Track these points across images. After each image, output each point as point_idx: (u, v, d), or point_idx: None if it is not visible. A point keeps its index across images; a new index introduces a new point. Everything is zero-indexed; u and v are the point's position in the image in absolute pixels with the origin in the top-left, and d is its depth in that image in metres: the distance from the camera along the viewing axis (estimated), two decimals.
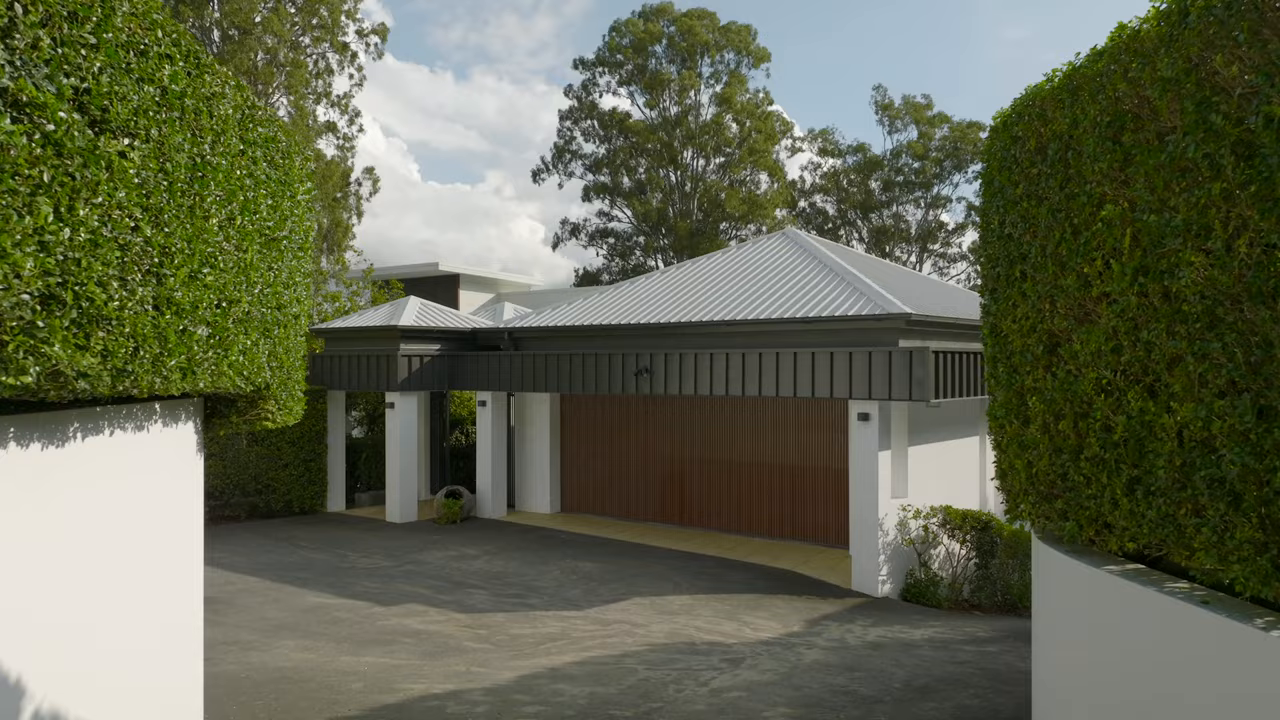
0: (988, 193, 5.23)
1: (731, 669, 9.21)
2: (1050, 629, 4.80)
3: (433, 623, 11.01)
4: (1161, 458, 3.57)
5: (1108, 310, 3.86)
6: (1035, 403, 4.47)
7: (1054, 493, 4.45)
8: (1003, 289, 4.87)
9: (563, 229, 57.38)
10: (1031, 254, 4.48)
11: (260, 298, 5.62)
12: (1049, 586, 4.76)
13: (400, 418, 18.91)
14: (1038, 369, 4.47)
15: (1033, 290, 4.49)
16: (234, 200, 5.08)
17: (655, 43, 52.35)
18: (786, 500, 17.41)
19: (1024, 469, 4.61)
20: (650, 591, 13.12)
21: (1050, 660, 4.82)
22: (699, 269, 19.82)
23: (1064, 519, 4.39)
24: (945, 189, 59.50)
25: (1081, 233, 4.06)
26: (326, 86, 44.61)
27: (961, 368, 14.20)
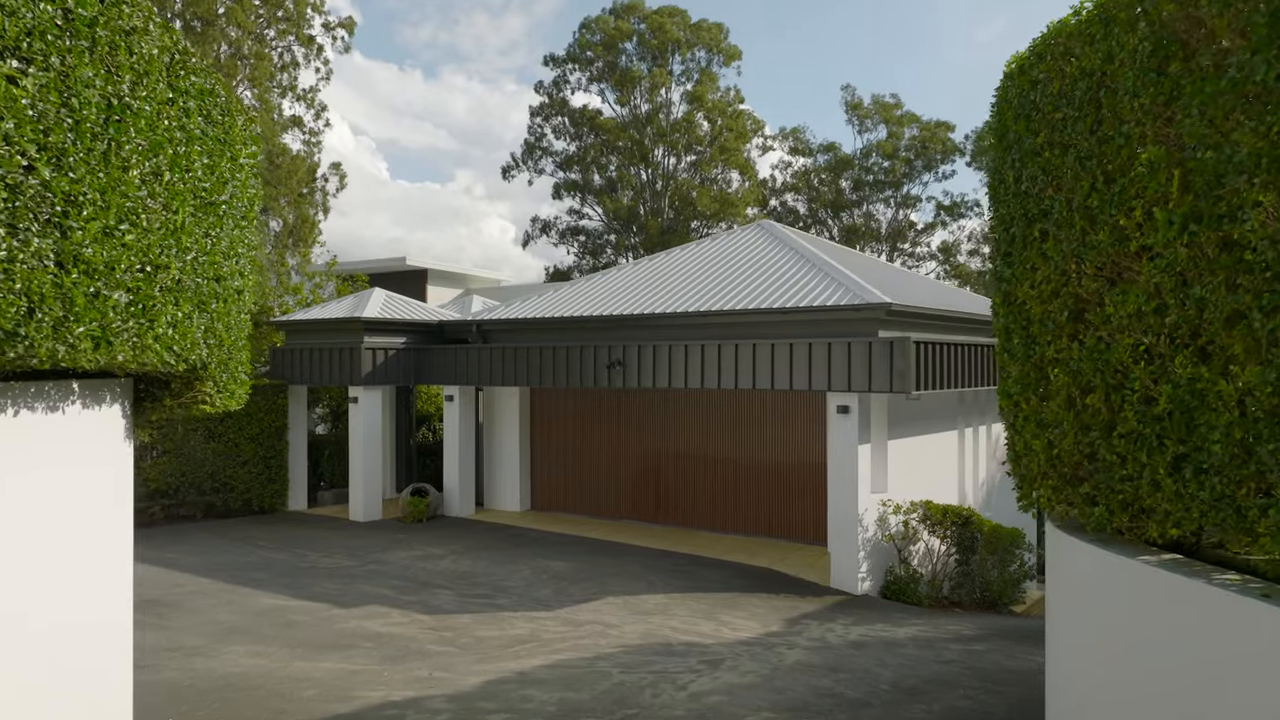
0: (999, 146, 4.78)
1: (710, 671, 8.74)
2: (1069, 628, 4.35)
3: (395, 625, 10.44)
4: (1217, 430, 3.15)
5: (1149, 266, 3.43)
6: (1058, 375, 4.03)
7: (1079, 475, 4.02)
8: (1018, 252, 4.42)
9: (533, 226, 56.77)
10: (1055, 210, 4.04)
11: (194, 266, 5.06)
12: (1068, 581, 4.31)
13: (364, 413, 18.26)
14: (1061, 338, 4.03)
15: (1055, 250, 4.05)
16: (161, 153, 4.52)
17: (626, 40, 51.89)
18: (763, 496, 16.98)
19: (1043, 450, 4.16)
20: (624, 591, 12.62)
21: (1068, 662, 4.38)
22: (673, 260, 19.35)
23: (1091, 504, 3.96)
24: (915, 188, 59.70)
25: (1116, 181, 3.63)
26: (292, 80, 43.66)
27: (942, 359, 13.86)
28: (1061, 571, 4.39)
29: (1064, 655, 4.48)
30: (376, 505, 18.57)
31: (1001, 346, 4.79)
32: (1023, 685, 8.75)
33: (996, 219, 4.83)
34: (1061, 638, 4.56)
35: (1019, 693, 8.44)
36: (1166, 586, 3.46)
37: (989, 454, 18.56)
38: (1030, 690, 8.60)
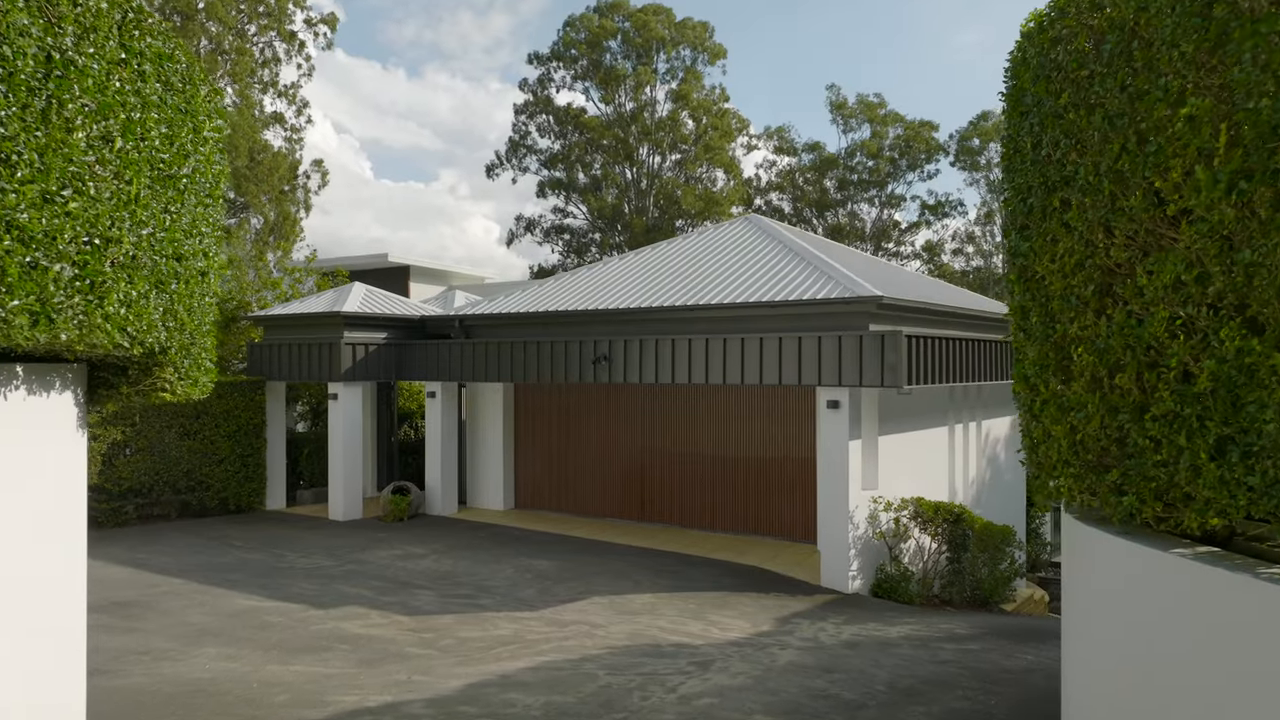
0: (1015, 112, 4.48)
1: (700, 672, 8.44)
2: (1092, 629, 4.03)
3: (373, 626, 10.08)
4: (1269, 409, 2.87)
5: (1189, 231, 3.15)
6: (1082, 355, 3.74)
7: (1105, 462, 3.73)
8: (1037, 224, 4.13)
9: (517, 225, 56.36)
10: (1079, 176, 3.75)
11: (151, 242, 4.71)
12: (1090, 577, 3.99)
13: (344, 409, 17.85)
14: (1086, 314, 3.74)
15: (1080, 220, 3.76)
16: (111, 116, 4.17)
17: (610, 38, 51.57)
18: (751, 493, 16.70)
19: (1064, 436, 3.87)
20: (610, 590, 12.31)
21: (1089, 666, 4.07)
22: (659, 254, 19.04)
23: (1118, 493, 3.68)
24: (899, 188, 59.70)
25: (1151, 139, 3.34)
26: (273, 76, 43.14)
27: (934, 354, 13.62)
28: (1081, 567, 4.07)
29: (1084, 655, 4.18)
30: (357, 504, 18.17)
31: (1017, 326, 4.50)
32: (1021, 686, 8.50)
33: (1012, 190, 4.54)
34: (1081, 637, 4.24)
35: (1018, 694, 8.19)
36: (1209, 583, 3.16)
37: (979, 450, 18.36)
38: (1028, 691, 8.35)
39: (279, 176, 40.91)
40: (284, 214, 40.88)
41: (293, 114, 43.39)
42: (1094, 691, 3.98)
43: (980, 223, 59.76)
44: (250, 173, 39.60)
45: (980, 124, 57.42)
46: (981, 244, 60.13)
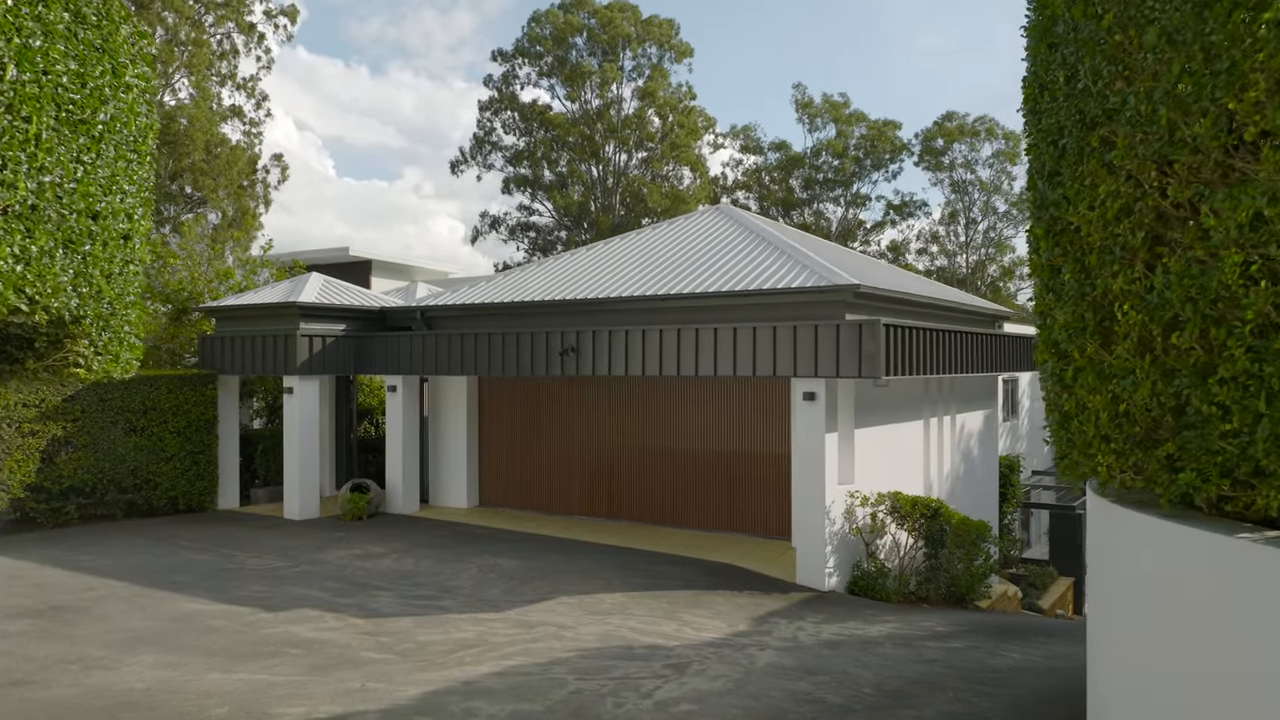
0: (1042, 46, 4.00)
1: (677, 676, 7.94)
2: (1134, 629, 3.42)
3: (327, 630, 9.47)
4: None
5: (1275, 158, 2.72)
6: (1129, 313, 3.29)
7: (1157, 435, 3.29)
8: (1071, 168, 3.67)
9: (482, 222, 55.64)
10: (1127, 106, 3.30)
11: (58, 193, 4.10)
12: (1132, 568, 3.44)
13: (300, 404, 17.13)
14: (1133, 265, 3.28)
15: (1128, 158, 3.30)
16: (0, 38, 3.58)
17: (576, 34, 51.02)
18: (724, 489, 16.25)
19: (1104, 407, 3.41)
20: (579, 590, 11.78)
21: (1128, 670, 3.57)
22: (628, 244, 18.54)
23: (1172, 470, 3.23)
24: (864, 187, 59.84)
25: (1223, 55, 2.92)
26: (232, 69, 42.06)
27: (913, 344, 13.25)
28: (1118, 558, 3.60)
29: (1120, 662, 3.69)
30: (314, 503, 17.46)
31: (1044, 287, 4.04)
32: (1011, 686, 8.12)
33: (1038, 134, 4.08)
34: (1114, 643, 3.73)
35: (1010, 695, 7.79)
36: None
37: (953, 445, 18.07)
38: (1019, 691, 7.96)
39: (237, 171, 39.89)
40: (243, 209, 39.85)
41: (251, 107, 42.38)
42: (1134, 701, 3.50)
43: (944, 222, 60.07)
44: (207, 166, 38.54)
45: (944, 124, 57.70)
46: (945, 244, 60.44)
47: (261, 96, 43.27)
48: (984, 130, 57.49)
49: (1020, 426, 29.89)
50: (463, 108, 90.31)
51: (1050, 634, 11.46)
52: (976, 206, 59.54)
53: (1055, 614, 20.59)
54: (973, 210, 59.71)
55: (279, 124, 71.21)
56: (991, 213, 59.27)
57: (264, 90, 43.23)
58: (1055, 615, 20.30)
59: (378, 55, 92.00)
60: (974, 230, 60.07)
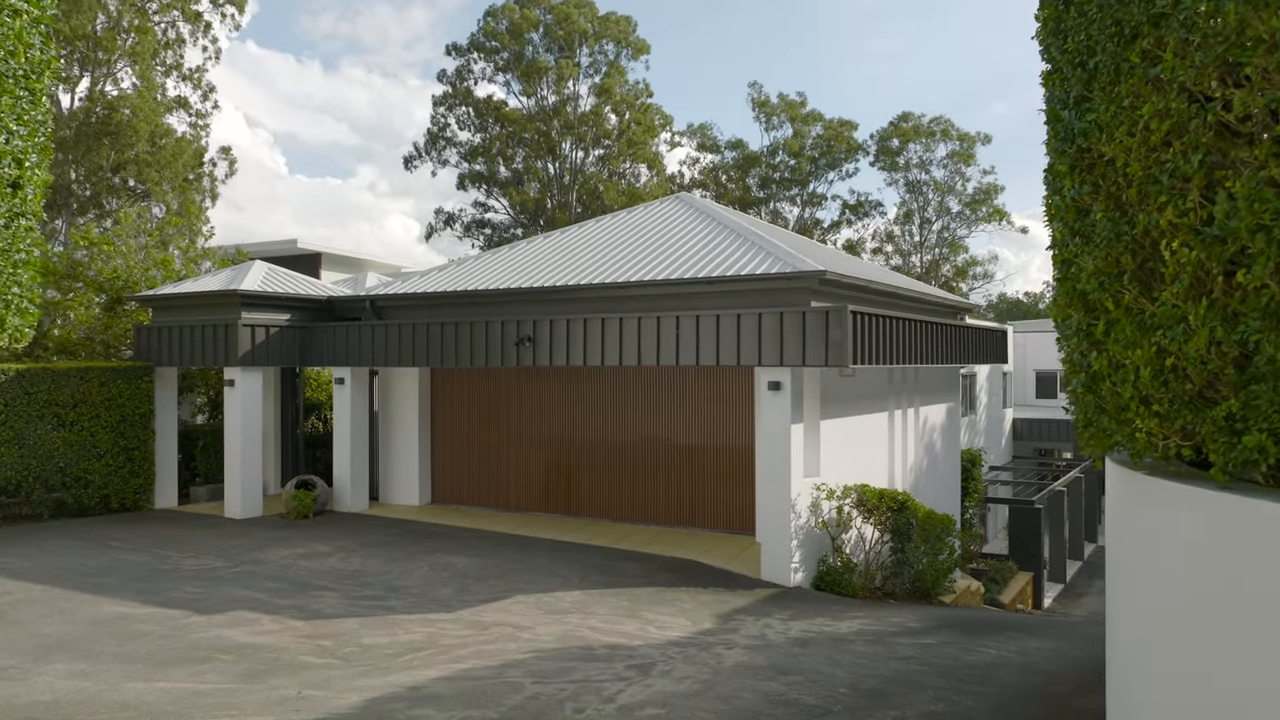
0: None
1: (641, 678, 7.43)
2: (1182, 623, 2.93)
3: (264, 633, 8.81)
4: None
5: None
6: (1180, 250, 2.86)
7: (1215, 392, 2.87)
8: (1104, 90, 3.22)
9: (437, 219, 54.68)
10: (1183, 6, 2.86)
11: None
12: (1177, 552, 2.98)
13: (242, 397, 16.32)
14: (1187, 195, 2.85)
15: (1182, 69, 2.86)
16: None
17: (532, 29, 50.29)
18: (685, 483, 15.78)
19: (1147, 362, 2.97)
20: (535, 588, 11.23)
21: (1173, 667, 3.08)
22: (586, 233, 18.00)
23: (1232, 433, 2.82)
24: (820, 186, 59.98)
25: None
26: (177, 59, 40.75)
27: (880, 332, 12.90)
28: (1161, 540, 3.08)
29: (1159, 654, 3.19)
30: (257, 501, 16.65)
31: (1069, 232, 3.59)
32: (992, 684, 7.74)
33: (1063, 57, 3.63)
34: (1153, 634, 3.21)
35: (991, 693, 7.41)
36: None
37: (917, 438, 17.81)
38: (1000, 689, 7.59)
39: (183, 163, 38.63)
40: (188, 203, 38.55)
41: (198, 99, 41.13)
42: (1181, 699, 3.03)
43: (899, 222, 60.45)
44: (152, 158, 37.26)
45: (900, 124, 58.03)
46: (900, 243, 60.83)
47: (209, 88, 42.05)
48: (939, 131, 57.95)
49: (978, 422, 29.91)
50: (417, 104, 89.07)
51: (1021, 629, 11.16)
52: (931, 207, 60.05)
53: (1015, 609, 20.47)
54: (927, 210, 60.22)
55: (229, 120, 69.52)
56: (945, 213, 59.80)
57: (211, 82, 41.99)
58: (1016, 610, 20.17)
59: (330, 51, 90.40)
60: (928, 230, 60.58)
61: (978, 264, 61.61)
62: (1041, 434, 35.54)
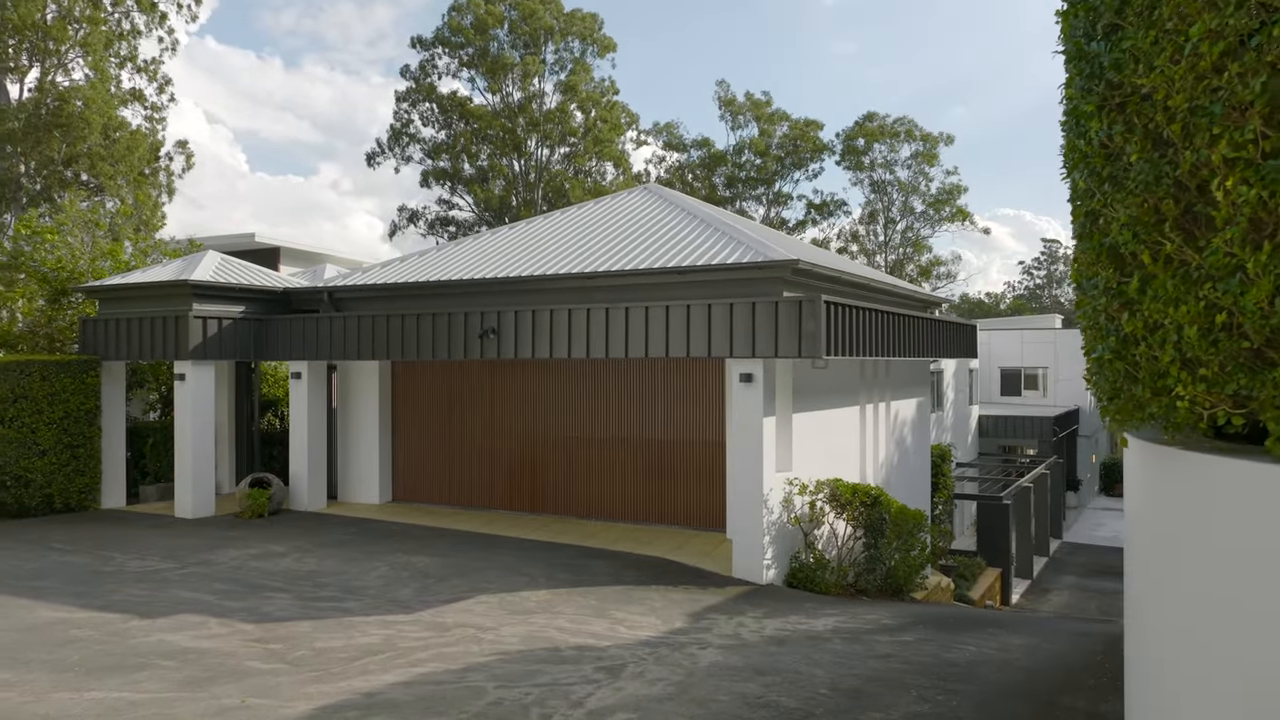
0: None
1: (611, 680, 7.05)
2: (1237, 621, 2.61)
3: (210, 637, 8.29)
4: None
5: None
6: (1235, 189, 2.55)
7: (1275, 353, 2.55)
8: (1141, 15, 2.85)
9: (400, 216, 53.87)
10: None
11: None
12: (1234, 538, 2.60)
13: (193, 392, 15.67)
14: (1246, 124, 2.52)
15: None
16: None
17: (497, 25, 49.64)
18: (655, 480, 15.41)
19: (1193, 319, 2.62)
20: (500, 588, 10.80)
21: (1224, 670, 2.69)
22: (552, 223, 17.56)
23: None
24: (786, 186, 60.02)
25: None
26: (132, 50, 39.60)
27: (853, 324, 12.62)
28: (1207, 524, 2.71)
29: (1200, 657, 2.80)
30: (209, 500, 16.01)
31: (1094, 180, 3.23)
32: (975, 682, 7.45)
33: None
34: (1197, 634, 2.80)
35: (975, 691, 7.13)
36: None
37: (888, 432, 17.60)
38: (984, 687, 7.30)
39: (138, 157, 37.54)
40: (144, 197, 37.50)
41: (154, 91, 39.99)
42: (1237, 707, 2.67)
43: (864, 222, 60.68)
44: (105, 152, 36.15)
45: (865, 124, 58.20)
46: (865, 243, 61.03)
47: (165, 80, 40.94)
48: (903, 131, 58.23)
49: (945, 418, 29.90)
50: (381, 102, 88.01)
51: (998, 625, 10.94)
52: (895, 206, 60.36)
53: (984, 605, 20.38)
54: (891, 210, 60.52)
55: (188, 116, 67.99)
56: (909, 213, 60.15)
57: (167, 74, 40.85)
58: (985, 606, 20.07)
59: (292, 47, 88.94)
60: (892, 230, 60.88)
61: (941, 264, 62.07)
62: (1006, 431, 35.68)
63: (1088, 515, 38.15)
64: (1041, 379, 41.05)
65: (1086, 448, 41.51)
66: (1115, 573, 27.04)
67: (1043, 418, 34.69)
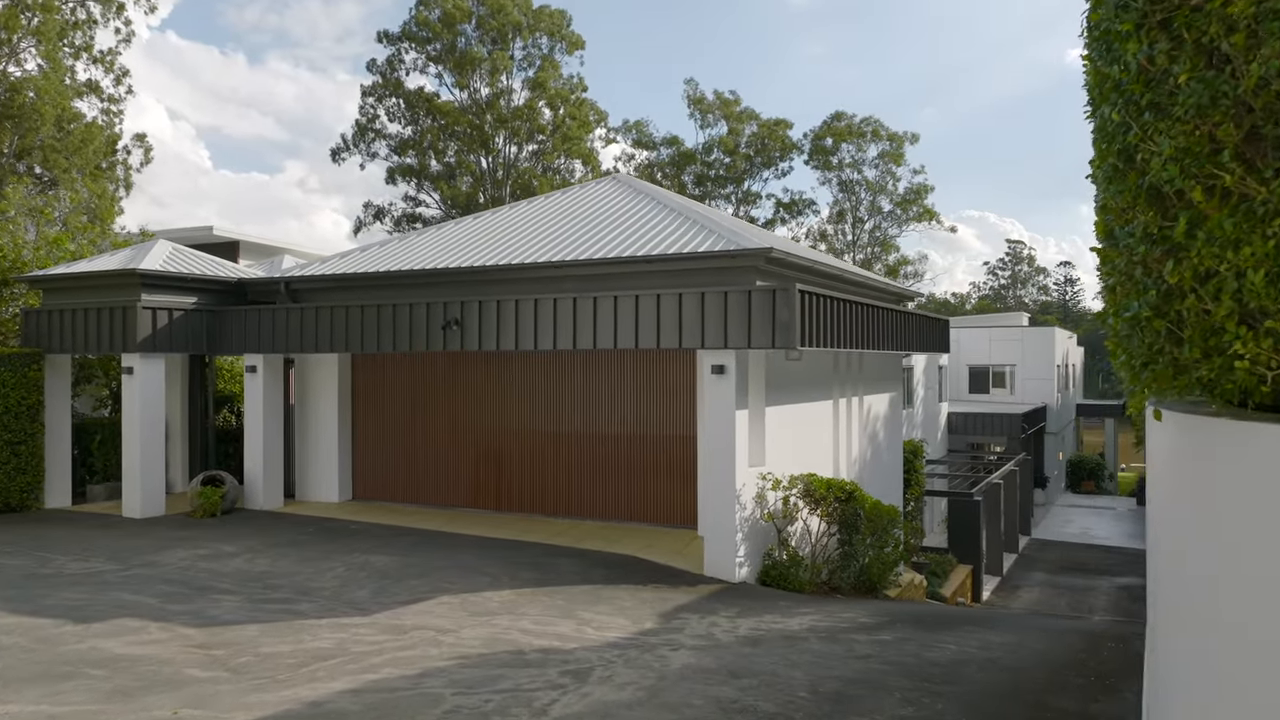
0: None
1: (577, 685, 6.61)
2: None
3: (148, 643, 7.74)
4: None
5: None
6: None
7: None
8: None
9: (366, 213, 52.97)
10: None
11: None
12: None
13: (142, 386, 14.99)
14: None
15: None
16: None
17: (465, 20, 48.89)
18: (624, 476, 14.98)
19: (1259, 262, 2.23)
20: (461, 588, 10.32)
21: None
22: (518, 213, 17.07)
23: None
24: (755, 185, 59.95)
25: None
26: (88, 40, 38.45)
27: (829, 314, 12.29)
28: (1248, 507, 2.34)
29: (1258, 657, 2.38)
30: (159, 499, 15.34)
31: (1131, 110, 2.85)
32: (960, 683, 7.11)
33: None
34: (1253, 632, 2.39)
35: (961, 692, 6.78)
36: None
37: (861, 428, 17.32)
38: (969, 688, 6.96)
39: (94, 150, 36.47)
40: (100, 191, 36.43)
41: (110, 83, 38.85)
42: None
43: (832, 221, 60.74)
44: (59, 144, 35.05)
45: (833, 124, 58.23)
46: (833, 242, 61.05)
47: (122, 71, 39.81)
48: (870, 131, 58.36)
49: (915, 415, 29.78)
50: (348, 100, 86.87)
51: (976, 623, 10.64)
52: (863, 206, 60.51)
53: (956, 602, 20.19)
54: (859, 209, 60.66)
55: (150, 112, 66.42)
56: (877, 212, 60.33)
57: (124, 65, 39.69)
58: (956, 603, 19.88)
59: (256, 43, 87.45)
60: (860, 229, 61.03)
61: (909, 263, 62.35)
62: (975, 428, 35.72)
63: (1055, 512, 38.31)
64: (1008, 377, 41.19)
65: (1054, 445, 41.72)
66: (1084, 569, 27.05)
67: (1011, 415, 34.74)
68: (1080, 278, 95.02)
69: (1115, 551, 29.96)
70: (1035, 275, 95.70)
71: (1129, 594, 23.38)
